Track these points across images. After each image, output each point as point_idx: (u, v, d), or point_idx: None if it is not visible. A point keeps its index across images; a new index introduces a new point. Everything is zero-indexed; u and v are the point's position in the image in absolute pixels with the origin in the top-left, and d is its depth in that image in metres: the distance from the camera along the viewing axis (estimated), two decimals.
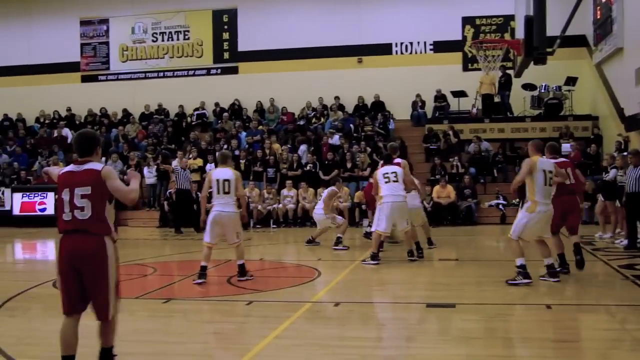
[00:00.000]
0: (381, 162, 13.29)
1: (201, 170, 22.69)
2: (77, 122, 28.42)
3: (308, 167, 22.16)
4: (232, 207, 10.48)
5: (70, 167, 5.61)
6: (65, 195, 5.45)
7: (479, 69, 24.11)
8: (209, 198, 10.90)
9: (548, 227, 10.08)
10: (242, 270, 10.52)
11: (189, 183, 19.99)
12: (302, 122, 26.07)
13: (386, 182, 12.13)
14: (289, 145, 23.85)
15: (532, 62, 13.77)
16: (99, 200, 5.45)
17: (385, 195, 12.05)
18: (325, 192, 15.58)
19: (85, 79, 29.51)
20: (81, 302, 5.53)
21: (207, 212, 10.69)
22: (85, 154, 5.60)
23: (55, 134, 27.50)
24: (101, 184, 5.43)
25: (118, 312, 5.68)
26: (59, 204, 5.53)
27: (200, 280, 10.37)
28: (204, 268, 10.46)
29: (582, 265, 10.95)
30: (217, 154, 12.12)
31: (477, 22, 26.59)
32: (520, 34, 14.30)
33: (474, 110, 24.96)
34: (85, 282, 5.44)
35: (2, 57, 29.33)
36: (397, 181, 12.13)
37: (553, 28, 13.75)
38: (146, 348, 6.87)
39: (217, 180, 10.51)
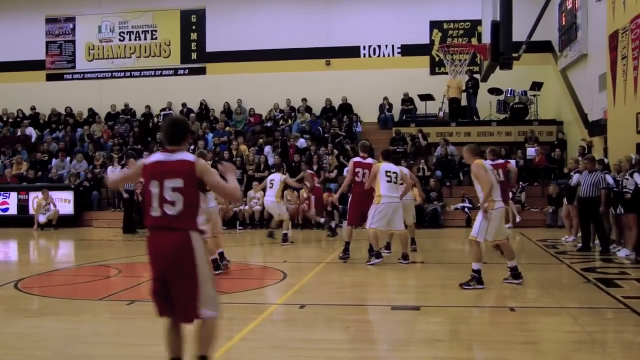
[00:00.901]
0: (358, 156, 13.27)
1: None
2: (42, 121, 28.09)
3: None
4: (214, 202, 11.15)
5: (158, 156, 5.12)
6: (154, 188, 4.95)
7: (446, 73, 24.30)
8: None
9: (503, 226, 10.26)
10: (216, 263, 10.94)
11: (132, 184, 20.03)
12: (269, 124, 26.03)
13: (388, 182, 12.13)
14: (255, 147, 23.80)
15: (498, 67, 13.91)
16: (191, 193, 4.97)
17: (385, 195, 12.08)
18: (277, 181, 15.76)
19: (50, 78, 29.17)
20: (169, 304, 5.06)
21: None
22: (175, 142, 5.12)
23: (19, 133, 27.13)
24: (194, 177, 4.98)
25: (219, 313, 5.18)
26: (146, 197, 5.02)
27: (219, 272, 10.90)
28: (214, 260, 10.93)
29: None
30: (195, 153, 12.37)
31: (445, 26, 26.80)
32: (486, 38, 14.45)
33: (441, 114, 25.15)
34: (170, 282, 4.98)
35: None
36: (396, 182, 12.20)
37: (519, 33, 13.90)
38: (109, 350, 6.80)
39: None
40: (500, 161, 14.44)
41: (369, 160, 12.96)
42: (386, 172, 12.17)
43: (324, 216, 18.72)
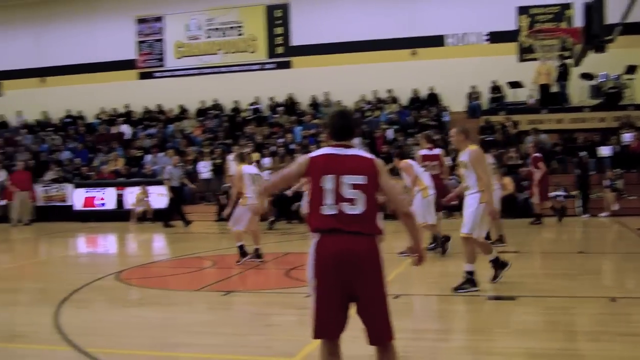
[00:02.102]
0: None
1: (257, 164, 22.86)
2: (134, 119, 28.93)
3: None
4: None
5: (329, 150, 4.56)
6: (328, 184, 4.36)
7: (535, 59, 23.79)
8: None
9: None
10: (259, 253, 11.90)
11: (178, 180, 20.67)
12: (356, 116, 26.01)
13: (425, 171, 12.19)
14: None
15: (591, 51, 13.55)
16: (372, 194, 4.42)
17: (430, 187, 11.96)
18: None
19: (141, 76, 29.97)
20: (341, 323, 4.44)
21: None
22: (347, 136, 4.62)
23: (114, 131, 28.05)
24: (375, 176, 4.44)
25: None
26: (315, 193, 4.42)
27: (245, 258, 11.68)
28: (243, 247, 11.80)
29: None
30: (236, 154, 12.87)
31: (533, 11, 26.12)
32: (579, 21, 14.08)
33: (531, 101, 24.58)
34: (359, 296, 4.39)
35: (64, 56, 29.96)
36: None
37: (612, 15, 13.50)
38: (205, 339, 6.96)
39: (251, 175, 11.67)
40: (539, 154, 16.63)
41: (436, 151, 12.80)
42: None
43: None
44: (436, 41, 26.78)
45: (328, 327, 4.42)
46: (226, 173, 22.52)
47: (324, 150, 4.59)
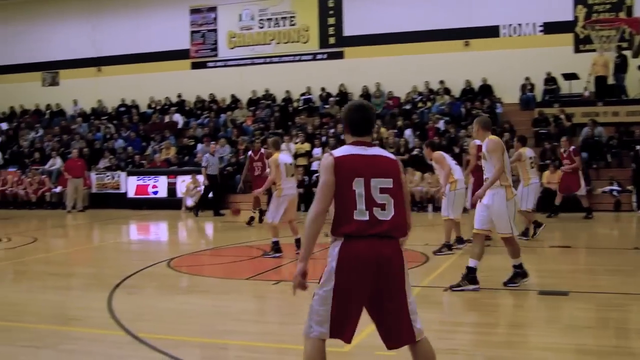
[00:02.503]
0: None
1: (308, 154, 22.92)
2: (187, 108, 29.24)
3: (415, 152, 21.99)
4: (296, 189, 11.75)
5: (351, 150, 4.29)
6: (358, 187, 4.13)
7: (592, 50, 23.26)
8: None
9: None
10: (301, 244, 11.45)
11: (217, 168, 20.99)
12: (408, 107, 25.86)
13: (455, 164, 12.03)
14: (395, 130, 23.71)
15: None
16: (400, 196, 4.24)
17: (460, 180, 11.77)
18: None
19: (194, 66, 30.23)
20: (354, 326, 4.28)
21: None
22: (368, 132, 4.35)
23: (167, 120, 28.40)
24: (400, 178, 4.27)
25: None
26: (343, 197, 4.15)
27: (278, 255, 11.40)
28: (278, 243, 11.51)
29: None
30: (270, 140, 12.38)
31: (590, 1, 25.52)
32: (638, 11, 13.73)
33: (586, 93, 24.06)
34: (382, 300, 4.23)
35: (119, 46, 30.46)
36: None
37: None
38: (254, 327, 7.02)
39: (286, 164, 11.36)
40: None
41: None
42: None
43: None
44: (490, 32, 26.37)
45: (339, 328, 4.23)
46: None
47: (346, 150, 4.30)
